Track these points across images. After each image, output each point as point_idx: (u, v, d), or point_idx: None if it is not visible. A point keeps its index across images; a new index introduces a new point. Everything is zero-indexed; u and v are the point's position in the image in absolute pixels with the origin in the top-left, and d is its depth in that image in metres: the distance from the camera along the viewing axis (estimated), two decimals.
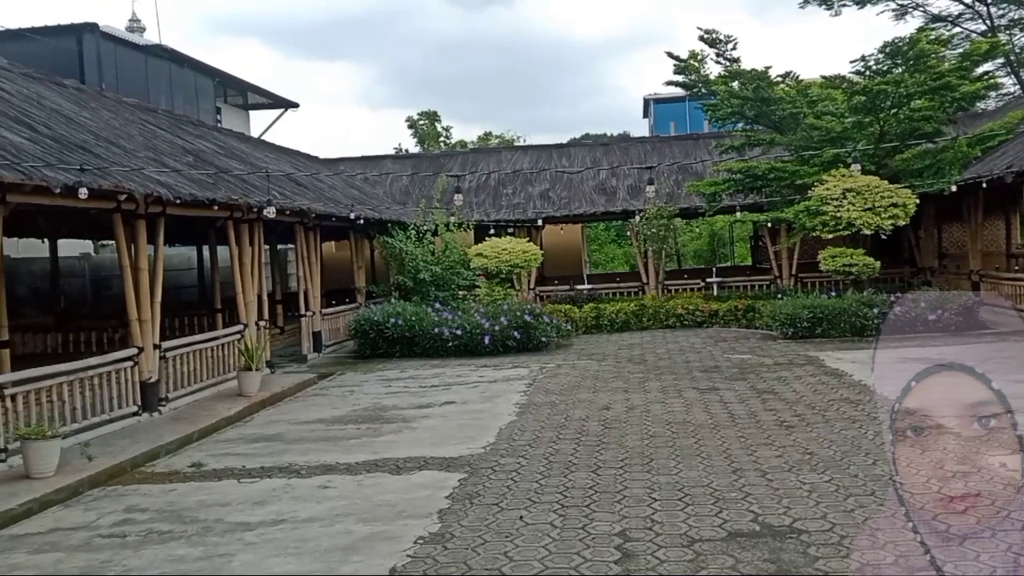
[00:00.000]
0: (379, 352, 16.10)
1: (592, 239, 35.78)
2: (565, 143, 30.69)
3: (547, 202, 23.33)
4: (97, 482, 7.94)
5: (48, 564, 5.95)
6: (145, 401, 10.44)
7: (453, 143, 44.53)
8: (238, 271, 13.24)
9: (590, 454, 8.21)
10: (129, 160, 10.46)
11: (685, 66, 20.30)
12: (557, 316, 17.27)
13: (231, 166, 14.29)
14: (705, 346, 15.68)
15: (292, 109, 30.08)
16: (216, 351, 12.50)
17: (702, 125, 32.86)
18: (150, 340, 10.58)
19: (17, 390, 8.52)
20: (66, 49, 20.14)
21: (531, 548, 5.75)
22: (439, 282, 18.32)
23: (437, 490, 7.29)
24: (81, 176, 8.29)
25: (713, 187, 20.36)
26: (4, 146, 8.27)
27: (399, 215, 20.25)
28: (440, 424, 10.08)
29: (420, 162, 27.61)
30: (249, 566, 5.74)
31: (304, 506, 7.06)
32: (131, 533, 6.54)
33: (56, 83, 13.34)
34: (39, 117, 10.35)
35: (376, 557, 5.76)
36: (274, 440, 9.69)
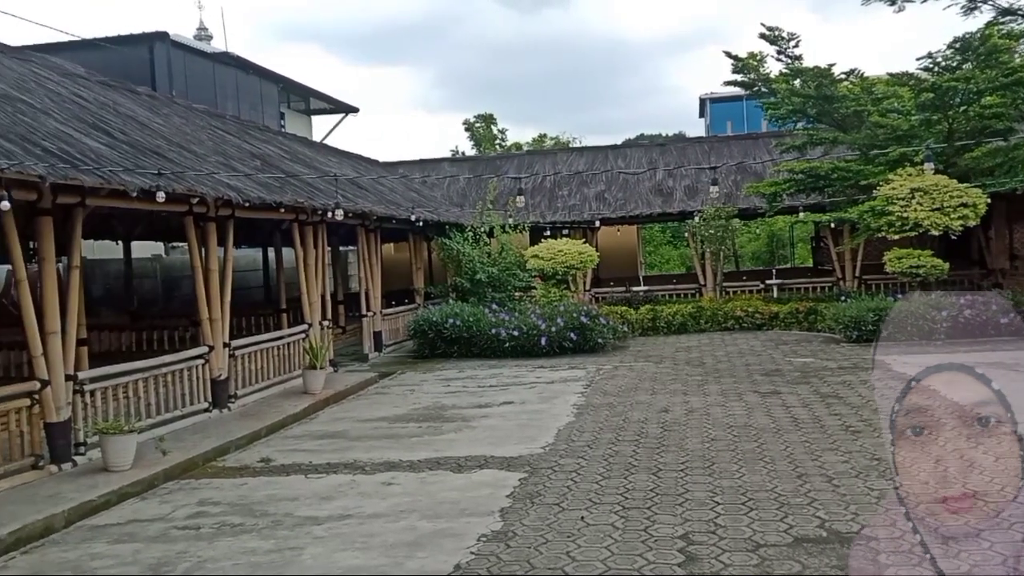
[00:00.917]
0: (437, 352, 16.30)
1: (647, 240, 35.56)
2: (620, 144, 30.60)
3: (603, 203, 23.30)
4: (171, 475, 8.24)
5: (127, 554, 6.21)
6: (215, 398, 10.78)
7: (508, 145, 44.73)
8: (303, 272, 13.56)
9: (650, 456, 8.22)
10: (200, 164, 10.81)
11: (744, 65, 20.08)
12: (613, 318, 17.25)
13: (296, 170, 14.63)
14: (765, 349, 15.51)
15: (352, 114, 30.59)
16: (282, 350, 12.83)
17: (760, 124, 32.41)
18: (220, 339, 10.92)
19: (95, 386, 8.88)
20: (138, 57, 20.85)
21: (593, 549, 5.81)
22: (495, 283, 18.45)
23: (498, 489, 7.38)
24: (158, 180, 8.61)
25: (774, 187, 20.09)
26: (84, 151, 8.64)
27: (456, 217, 20.45)
28: (499, 424, 10.18)
29: (477, 164, 27.83)
30: (318, 559, 5.91)
31: (369, 502, 7.23)
32: (204, 525, 6.78)
33: (130, 90, 13.84)
34: (115, 123, 10.75)
35: (441, 553, 5.88)
36: (339, 437, 9.91)
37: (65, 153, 8.18)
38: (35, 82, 10.79)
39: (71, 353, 8.41)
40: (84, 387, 8.64)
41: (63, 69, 12.45)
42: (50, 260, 8.36)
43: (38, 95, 10.18)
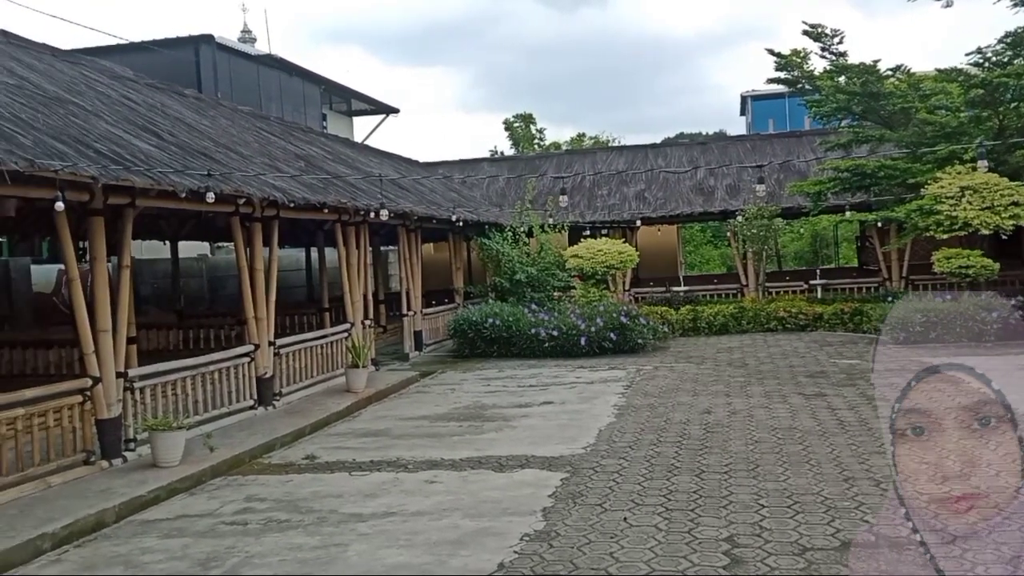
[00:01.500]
0: (477, 352, 16.36)
1: (687, 240, 35.28)
2: (660, 143, 30.40)
3: (643, 203, 23.18)
4: (218, 472, 8.38)
5: (177, 548, 6.33)
6: (261, 395, 10.94)
7: (547, 145, 44.69)
8: (345, 272, 13.70)
9: (692, 458, 8.17)
10: (246, 166, 10.98)
11: (787, 62, 19.81)
12: (653, 318, 17.15)
13: (338, 171, 14.79)
14: (809, 350, 15.31)
15: (392, 114, 30.82)
16: (325, 348, 12.99)
17: (802, 122, 31.97)
18: (265, 337, 11.08)
19: (145, 384, 9.06)
20: (184, 60, 21.24)
21: (637, 550, 5.79)
22: (535, 283, 18.45)
23: (540, 488, 7.39)
24: (208, 181, 8.77)
25: (818, 186, 19.80)
26: (134, 153, 8.82)
27: (496, 217, 20.49)
28: (540, 423, 10.19)
29: (516, 164, 27.86)
30: (363, 556, 5.97)
31: (412, 500, 7.28)
32: (252, 521, 6.89)
33: (178, 93, 14.11)
34: (164, 125, 10.97)
35: (484, 552, 5.90)
36: (381, 435, 10.00)
37: (116, 154, 8.36)
38: (86, 85, 11.05)
39: (122, 351, 8.60)
40: (134, 384, 8.82)
41: (112, 72, 12.73)
42: (101, 260, 8.56)
43: (89, 97, 10.42)
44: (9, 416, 7.42)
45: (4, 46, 10.61)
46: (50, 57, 11.36)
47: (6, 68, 9.59)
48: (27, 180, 6.94)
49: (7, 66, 9.68)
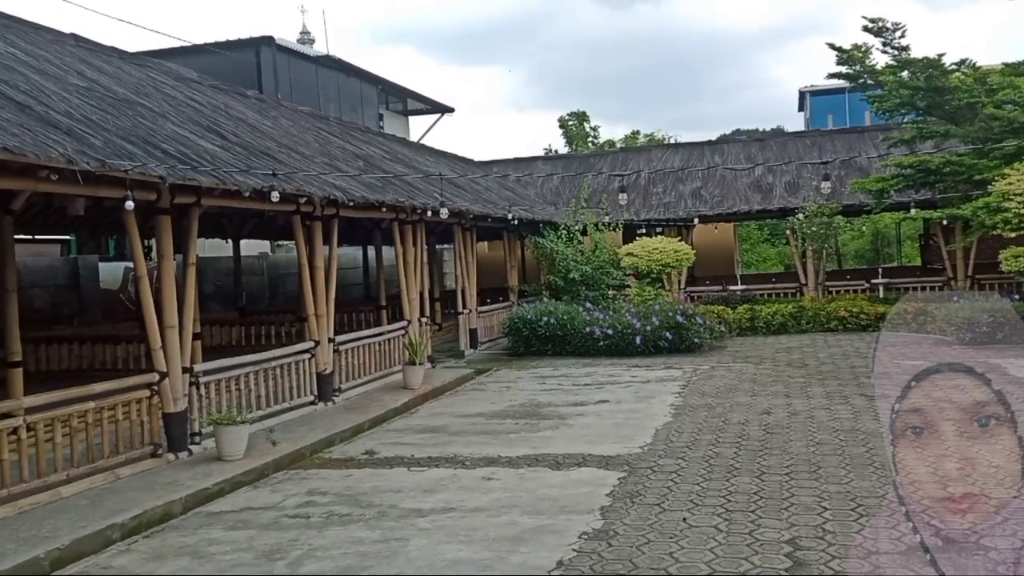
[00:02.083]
0: (532, 350, 16.38)
1: (744, 238, 34.81)
2: (716, 140, 30.05)
3: (699, 200, 22.93)
4: (280, 466, 8.54)
5: (242, 540, 6.47)
6: (321, 391, 11.13)
7: (601, 143, 44.50)
8: (402, 270, 13.84)
9: (752, 459, 8.07)
10: (307, 165, 11.17)
11: (849, 57, 19.39)
12: (709, 317, 16.97)
13: (396, 170, 14.94)
14: (872, 351, 14.96)
15: (448, 114, 31.02)
16: (383, 345, 13.15)
17: (863, 118, 31.27)
18: (325, 334, 11.26)
19: (209, 379, 9.28)
20: (246, 62, 21.69)
21: (696, 550, 5.74)
22: (589, 282, 18.40)
23: (597, 487, 7.38)
24: (272, 180, 8.95)
25: (880, 183, 19.35)
26: (200, 153, 9.04)
27: (550, 215, 20.49)
28: (595, 422, 10.17)
29: (570, 162, 27.80)
30: (423, 551, 6.03)
31: (470, 496, 7.33)
32: (314, 515, 7.01)
33: (240, 94, 14.41)
34: (228, 126, 11.22)
35: (543, 549, 5.92)
36: (438, 432, 10.09)
37: (182, 154, 8.58)
38: (153, 87, 11.36)
39: (188, 346, 8.82)
40: (199, 379, 9.04)
41: (178, 74, 13.06)
42: (168, 257, 8.79)
43: (156, 99, 10.71)
44: (80, 409, 7.67)
45: (74, 49, 10.96)
46: (118, 60, 11.70)
47: (77, 71, 9.90)
48: (97, 180, 7.16)
49: (78, 69, 10.00)
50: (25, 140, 6.47)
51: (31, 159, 6.36)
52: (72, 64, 10.05)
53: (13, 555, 5.89)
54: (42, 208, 11.55)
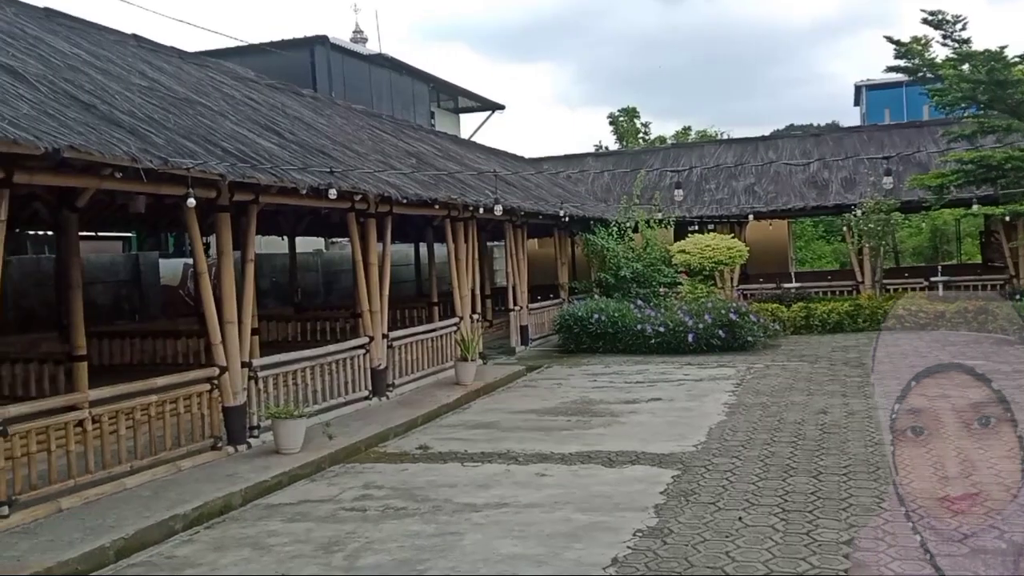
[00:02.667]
0: (583, 347, 16.35)
1: (798, 235, 34.22)
2: (770, 135, 29.56)
3: (753, 197, 22.62)
4: (336, 459, 8.66)
5: (301, 532, 6.58)
6: (375, 386, 11.26)
7: (652, 139, 44.14)
8: (454, 267, 13.93)
9: (809, 459, 7.94)
10: (362, 163, 11.30)
11: (907, 50, 18.92)
12: (763, 315, 16.74)
13: (448, 167, 15.04)
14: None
15: (498, 111, 31.09)
16: (435, 342, 13.26)
17: (920, 112, 30.51)
18: (379, 330, 11.39)
19: (267, 373, 9.45)
20: (300, 61, 22.03)
21: (753, 550, 5.68)
22: (640, 279, 18.29)
23: (651, 485, 7.34)
24: (331, 178, 9.08)
25: (940, 179, 18.85)
26: (258, 151, 9.21)
27: (601, 212, 20.42)
28: (648, 420, 10.11)
29: (621, 159, 27.64)
30: (478, 545, 6.06)
31: (524, 492, 7.35)
32: (370, 508, 7.10)
33: (296, 92, 14.64)
34: (285, 124, 11.41)
35: (597, 546, 5.91)
36: (491, 427, 10.13)
37: (241, 153, 8.75)
38: (212, 86, 11.60)
39: (246, 341, 9.00)
40: (257, 374, 9.21)
41: (235, 73, 13.32)
42: (228, 254, 8.96)
43: (215, 98, 10.93)
44: (143, 403, 7.87)
45: (136, 49, 11.24)
46: (178, 60, 11.97)
47: (139, 71, 10.16)
48: (159, 178, 7.33)
49: (139, 69, 10.25)
50: (91, 139, 6.66)
51: (97, 157, 6.54)
52: (134, 64, 10.30)
53: (80, 544, 6.07)
54: (105, 206, 11.87)
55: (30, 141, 5.89)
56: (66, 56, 8.89)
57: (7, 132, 5.79)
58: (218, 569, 5.85)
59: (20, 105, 6.58)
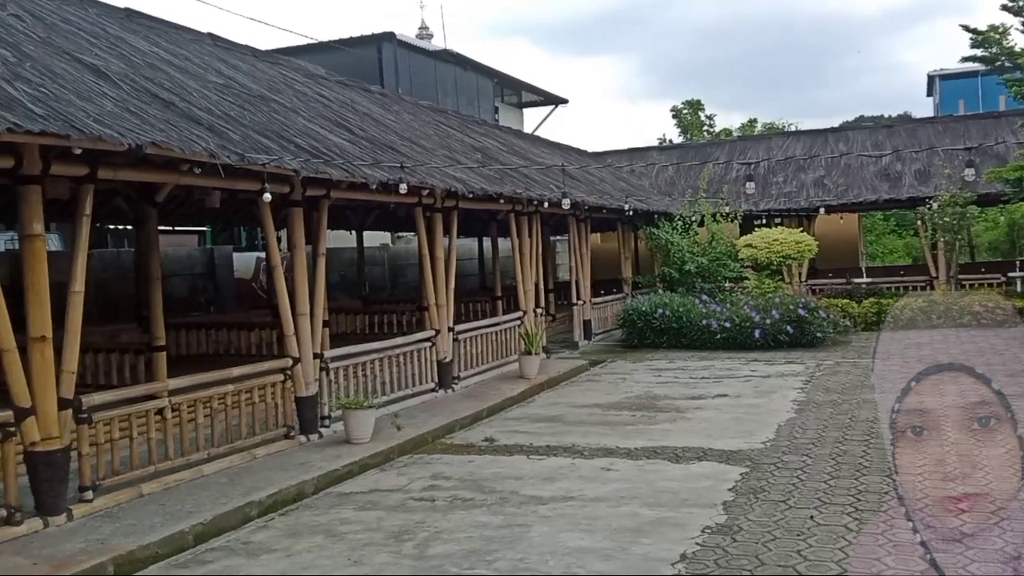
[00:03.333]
0: (646, 342, 16.25)
1: (868, 229, 33.35)
2: (840, 127, 28.86)
3: (822, 190, 22.12)
4: (405, 450, 8.80)
5: (372, 521, 6.71)
6: (441, 378, 11.41)
7: (717, 132, 43.53)
8: (518, 261, 13.98)
9: (883, 458, 7.76)
10: (428, 158, 11.43)
11: (984, 39, 18.28)
12: (833, 311, 16.39)
13: (512, 162, 15.10)
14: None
15: (561, 105, 31.03)
16: (499, 335, 13.35)
17: (996, 102, 29.39)
18: (445, 323, 11.52)
19: (337, 365, 9.65)
20: (368, 58, 22.36)
21: (825, 549, 5.59)
22: (705, 273, 18.08)
23: (719, 482, 7.27)
24: (401, 173, 9.21)
25: (1019, 171, 18.17)
26: (330, 147, 9.39)
27: (665, 206, 20.24)
28: (715, 416, 10.01)
29: (685, 152, 27.31)
30: (545, 538, 6.10)
31: (590, 486, 7.36)
32: (438, 498, 7.20)
33: (365, 89, 14.88)
34: (355, 121, 11.60)
35: (665, 542, 5.89)
36: (555, 421, 10.16)
37: (314, 148, 8.93)
38: (284, 83, 11.86)
39: (318, 333, 9.20)
40: (328, 365, 9.41)
41: (306, 71, 13.59)
42: (301, 248, 9.17)
43: (287, 95, 11.18)
44: (220, 392, 8.11)
45: (212, 48, 11.56)
46: (252, 58, 12.27)
47: (215, 69, 10.44)
48: (235, 173, 7.53)
49: (215, 67, 10.54)
50: (171, 135, 6.88)
51: (177, 153, 6.76)
52: (210, 62, 10.60)
53: (160, 528, 6.30)
54: (181, 201, 12.25)
55: (114, 138, 6.12)
56: (146, 55, 9.20)
57: (92, 129, 6.02)
58: (293, 555, 6.00)
59: (104, 103, 6.83)
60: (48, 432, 6.33)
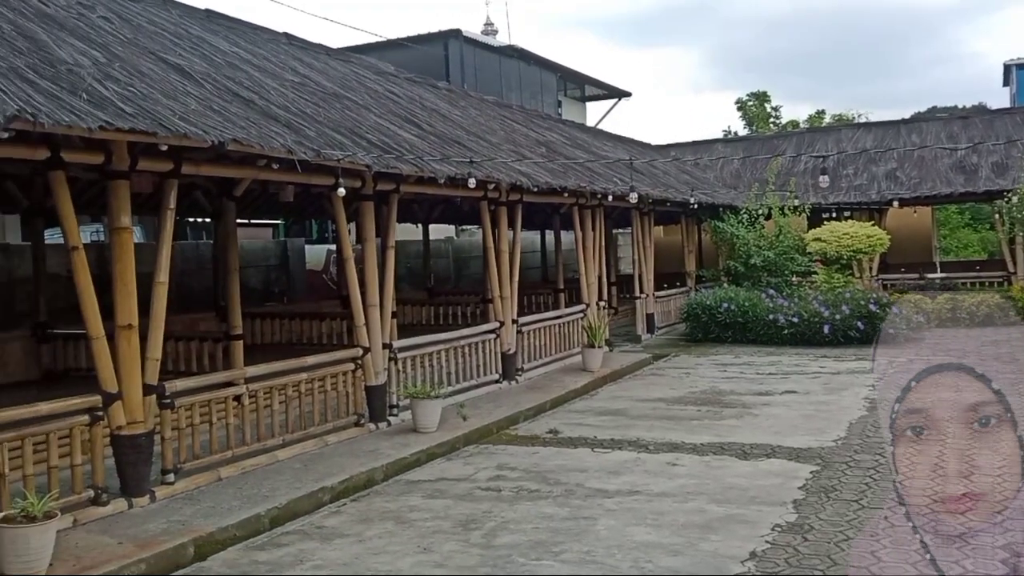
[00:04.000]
0: (710, 336, 16.13)
1: (942, 223, 32.36)
2: (912, 118, 28.09)
3: (894, 182, 21.58)
4: (470, 440, 8.94)
5: (440, 509, 6.84)
6: (505, 370, 11.53)
7: (784, 124, 42.71)
8: (581, 254, 14.01)
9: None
10: (494, 152, 11.53)
11: None
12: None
13: (576, 155, 15.10)
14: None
15: (625, 98, 30.84)
16: (562, 328, 13.40)
17: None
18: (509, 315, 11.63)
19: (405, 355, 9.83)
20: (434, 54, 22.62)
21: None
22: (771, 267, 17.83)
23: (788, 479, 7.21)
24: (469, 167, 9.33)
25: None
26: (400, 143, 9.55)
27: (731, 199, 20.00)
28: (783, 413, 9.91)
29: (752, 144, 26.93)
30: (612, 531, 6.14)
31: (655, 480, 7.37)
32: (504, 488, 7.30)
33: (432, 85, 15.05)
34: (423, 116, 11.76)
35: (734, 539, 5.87)
36: (619, 415, 10.18)
37: (384, 144, 9.10)
38: (356, 81, 12.08)
39: (387, 324, 9.39)
40: (397, 355, 9.60)
41: (376, 68, 13.81)
42: (371, 241, 9.36)
43: (359, 92, 11.39)
44: (294, 380, 8.35)
45: (287, 47, 11.84)
46: (325, 56, 12.53)
47: (290, 67, 10.70)
48: (310, 168, 7.73)
49: (291, 66, 10.80)
50: (251, 132, 7.09)
51: (257, 149, 6.98)
52: (286, 61, 10.87)
53: (238, 511, 6.52)
54: (257, 195, 12.59)
55: (198, 135, 6.35)
56: (226, 54, 9.48)
57: (178, 126, 6.26)
58: (365, 540, 6.17)
59: (188, 101, 7.08)
60: (133, 416, 6.61)
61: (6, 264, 12.25)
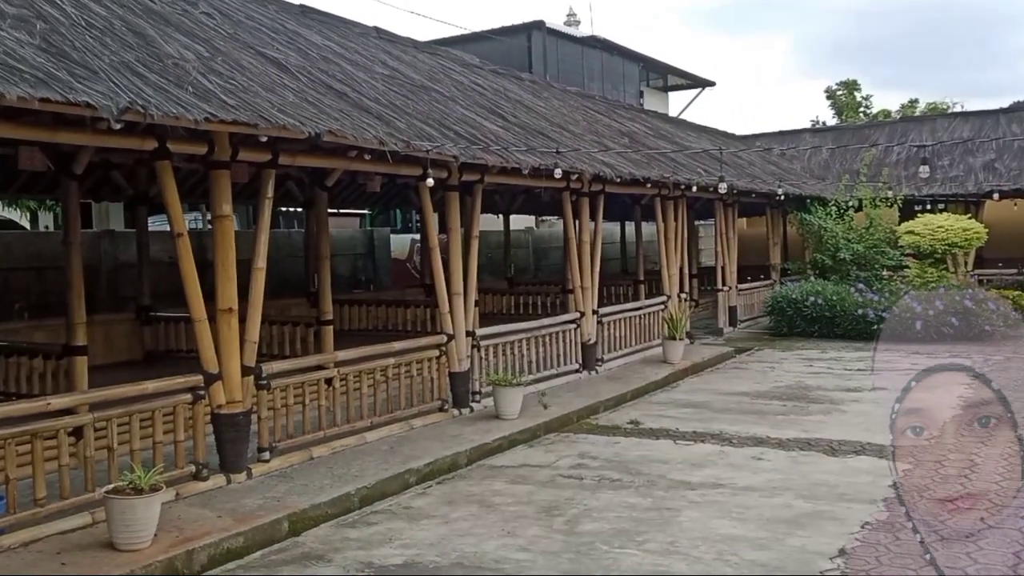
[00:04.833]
0: (796, 330, 15.82)
1: None
2: (1010, 107, 26.77)
3: (992, 174, 20.70)
4: (551, 428, 9.03)
5: (523, 494, 6.94)
6: (585, 360, 11.57)
7: (875, 113, 41.29)
8: (663, 245, 13.91)
9: None
10: (577, 143, 11.54)
11: None
12: (1003, 303, 15.36)
13: (659, 145, 14.98)
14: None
15: (708, 88, 30.36)
16: (642, 319, 13.36)
17: None
18: (590, 306, 11.66)
19: (487, 343, 9.97)
20: (518, 46, 22.73)
21: (996, 552, 5.35)
22: (861, 261, 17.32)
23: (879, 477, 7.05)
24: (554, 158, 9.38)
25: None
26: (485, 134, 9.66)
27: (818, 190, 19.50)
28: (872, 410, 9.66)
29: (841, 134, 26.18)
30: (696, 523, 6.13)
31: (740, 474, 7.31)
32: (586, 476, 7.36)
33: (516, 77, 15.13)
34: (507, 108, 11.86)
35: (822, 535, 5.80)
36: (701, 408, 10.11)
37: (471, 135, 9.22)
38: (442, 73, 12.25)
39: (470, 312, 9.55)
40: (479, 343, 9.75)
41: (462, 60, 13.96)
42: (456, 230, 9.52)
43: (445, 85, 11.55)
44: (382, 365, 8.58)
45: (377, 40, 12.08)
46: (412, 49, 12.74)
47: (380, 60, 10.92)
48: (399, 159, 7.90)
49: (381, 59, 11.02)
50: (344, 124, 7.29)
51: (351, 141, 7.18)
52: (376, 54, 11.09)
53: (329, 489, 6.76)
54: (345, 185, 12.91)
55: (296, 126, 6.57)
56: (320, 48, 9.75)
57: (277, 118, 6.49)
58: (450, 522, 6.31)
59: (286, 94, 7.32)
60: (233, 396, 6.91)
61: (112, 250, 12.88)
